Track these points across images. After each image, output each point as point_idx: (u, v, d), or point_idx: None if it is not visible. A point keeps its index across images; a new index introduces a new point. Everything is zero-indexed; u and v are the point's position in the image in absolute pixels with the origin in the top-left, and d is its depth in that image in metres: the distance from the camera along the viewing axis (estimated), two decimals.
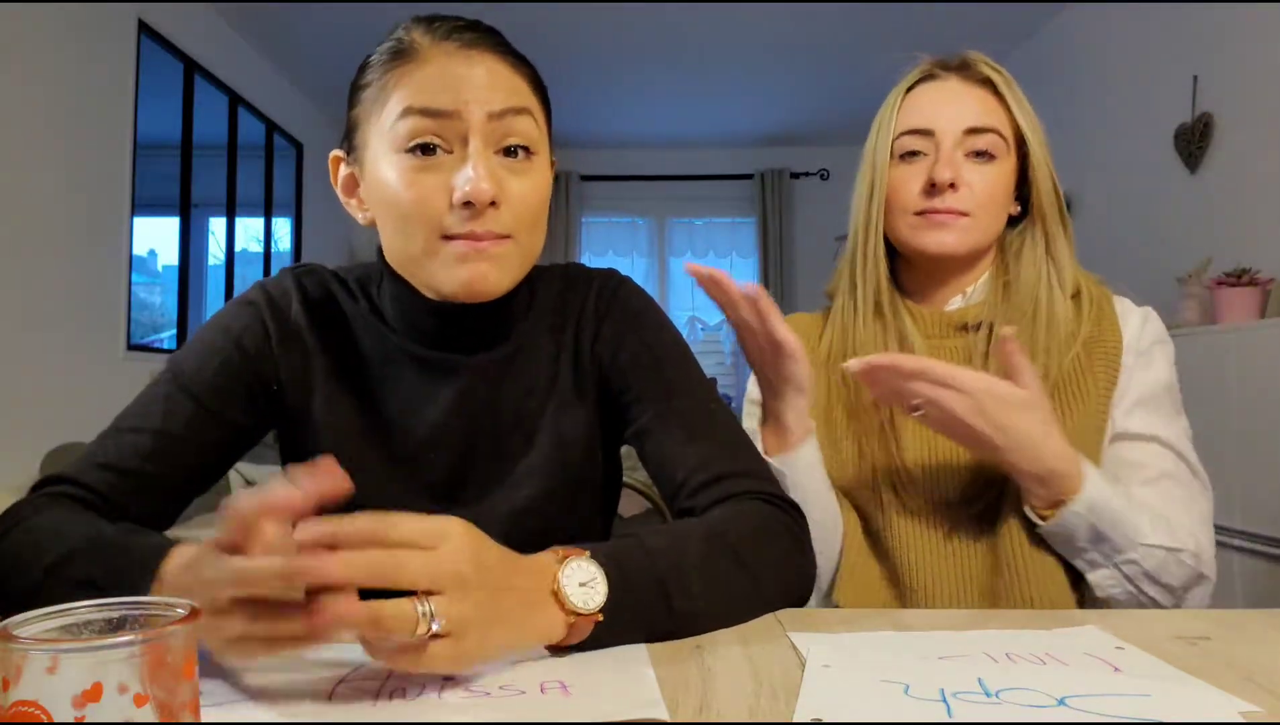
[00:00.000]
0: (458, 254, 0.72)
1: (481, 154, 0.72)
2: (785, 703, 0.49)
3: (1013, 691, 0.51)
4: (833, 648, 0.59)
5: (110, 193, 3.41)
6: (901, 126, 0.98)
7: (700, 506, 0.75)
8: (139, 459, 0.73)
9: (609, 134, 5.95)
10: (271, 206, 4.95)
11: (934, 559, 0.93)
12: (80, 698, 0.35)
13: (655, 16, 4.19)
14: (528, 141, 0.74)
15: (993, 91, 0.97)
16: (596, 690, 0.52)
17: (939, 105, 0.97)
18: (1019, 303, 0.97)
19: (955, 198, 0.94)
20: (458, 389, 0.81)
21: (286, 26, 4.29)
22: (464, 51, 0.73)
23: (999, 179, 0.96)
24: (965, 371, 0.83)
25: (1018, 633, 0.63)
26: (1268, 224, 2.80)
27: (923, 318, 1.02)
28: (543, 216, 0.78)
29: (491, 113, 0.72)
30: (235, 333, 0.79)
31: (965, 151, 0.95)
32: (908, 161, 0.98)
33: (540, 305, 0.85)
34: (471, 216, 0.71)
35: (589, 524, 0.88)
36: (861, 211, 1.02)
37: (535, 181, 0.75)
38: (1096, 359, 0.93)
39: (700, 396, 0.82)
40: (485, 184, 0.70)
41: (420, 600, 0.49)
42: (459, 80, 0.72)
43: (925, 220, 0.96)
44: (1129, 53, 3.56)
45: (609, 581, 0.58)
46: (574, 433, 0.83)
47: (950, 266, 1.01)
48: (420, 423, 0.80)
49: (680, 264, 6.56)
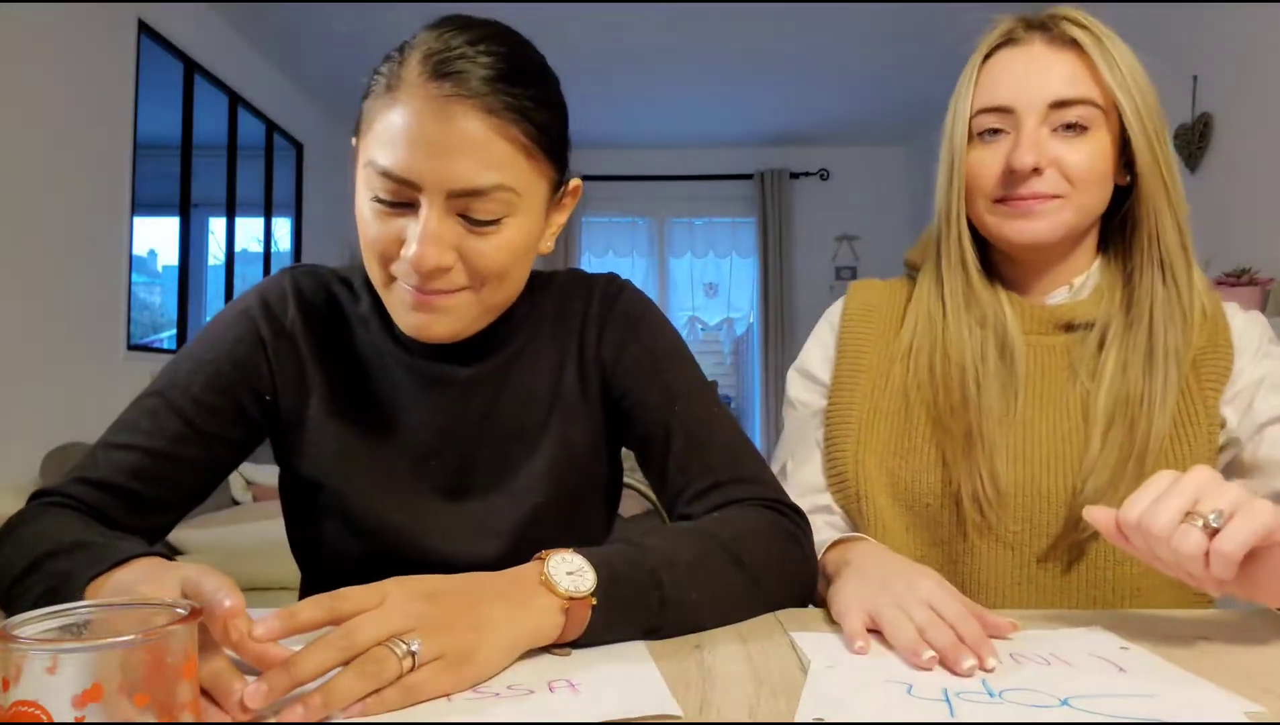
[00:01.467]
0: (406, 301, 0.70)
1: (434, 221, 0.67)
2: (785, 702, 0.49)
3: (1016, 692, 0.51)
4: (836, 648, 0.59)
5: (110, 193, 3.41)
6: (979, 104, 0.87)
7: (700, 512, 0.75)
8: (126, 476, 0.73)
9: (609, 134, 5.94)
10: (271, 206, 4.95)
11: (1016, 586, 0.85)
12: (80, 698, 0.35)
13: (655, 17, 4.18)
14: (493, 216, 0.68)
15: (1082, 53, 0.84)
16: (605, 688, 0.52)
17: (1019, 77, 0.85)
18: (1136, 309, 0.86)
19: (1041, 182, 0.83)
20: (455, 396, 0.80)
21: (286, 26, 4.28)
22: (443, 103, 0.66)
23: (1096, 152, 0.84)
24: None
25: (1022, 633, 0.63)
26: (1268, 224, 2.80)
27: (1022, 311, 0.90)
28: (514, 268, 0.72)
29: (451, 191, 0.66)
30: (228, 345, 0.79)
31: (1052, 127, 0.84)
32: (987, 142, 0.87)
33: (540, 313, 0.84)
34: (419, 276, 0.68)
35: (593, 528, 0.88)
36: (942, 197, 0.91)
37: (503, 240, 0.70)
38: (1206, 378, 0.86)
39: (701, 401, 0.82)
40: (431, 255, 0.66)
41: (394, 641, 0.49)
42: (424, 145, 0.66)
43: (1009, 207, 0.86)
44: None
45: (598, 573, 0.59)
46: (579, 439, 0.82)
47: (1048, 254, 0.89)
48: (418, 428, 0.80)
49: (680, 264, 6.61)
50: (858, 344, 0.96)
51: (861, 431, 0.91)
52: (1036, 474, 0.85)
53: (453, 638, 0.51)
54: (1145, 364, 0.85)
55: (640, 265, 6.41)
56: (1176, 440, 0.84)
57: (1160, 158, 0.84)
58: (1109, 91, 0.83)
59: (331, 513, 0.80)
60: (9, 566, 0.64)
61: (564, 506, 0.82)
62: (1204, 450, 0.84)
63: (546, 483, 0.81)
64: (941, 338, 0.90)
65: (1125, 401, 0.84)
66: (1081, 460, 0.84)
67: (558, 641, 0.58)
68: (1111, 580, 0.83)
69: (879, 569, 0.70)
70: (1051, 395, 0.88)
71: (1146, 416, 0.83)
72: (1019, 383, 0.88)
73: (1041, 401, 0.88)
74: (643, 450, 0.82)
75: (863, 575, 0.69)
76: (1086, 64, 0.84)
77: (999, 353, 0.88)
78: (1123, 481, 0.82)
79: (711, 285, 6.46)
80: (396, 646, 0.49)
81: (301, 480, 0.81)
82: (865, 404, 0.92)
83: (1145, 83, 0.85)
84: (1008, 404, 0.87)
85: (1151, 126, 0.84)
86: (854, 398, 0.93)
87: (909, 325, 0.94)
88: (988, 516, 0.85)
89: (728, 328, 6.41)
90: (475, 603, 0.54)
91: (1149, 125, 0.84)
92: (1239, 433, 0.86)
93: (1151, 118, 0.84)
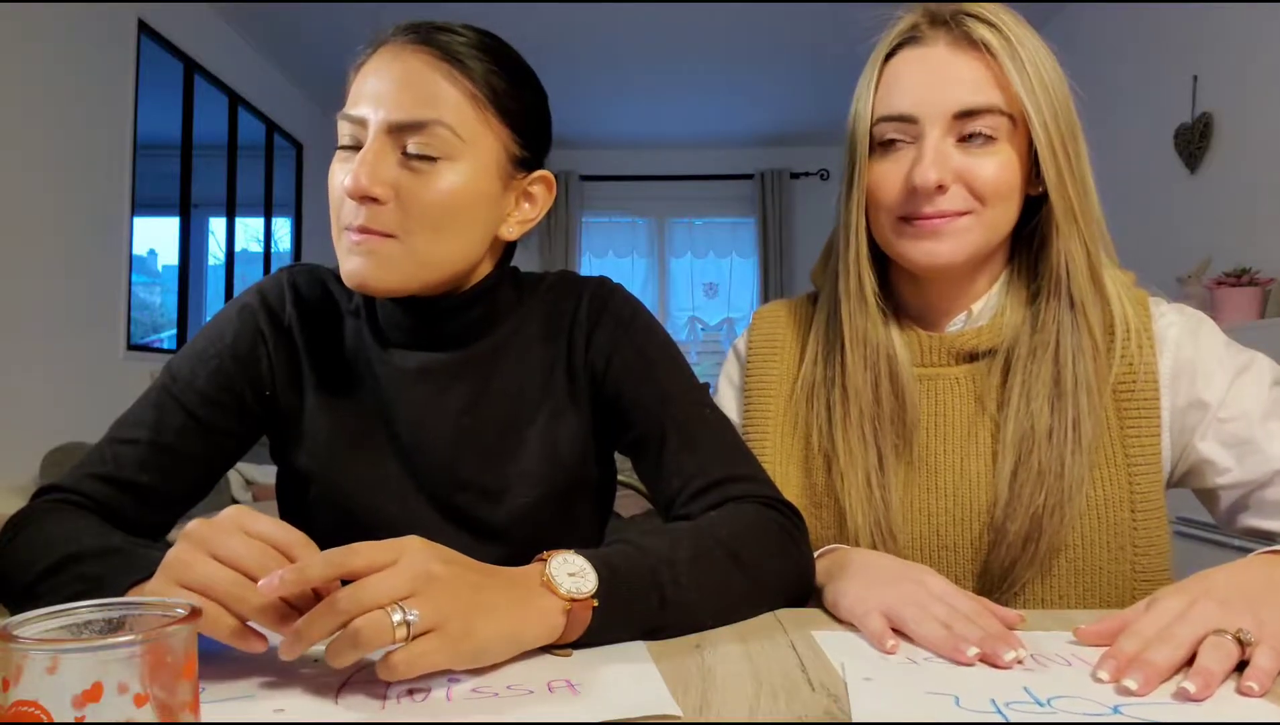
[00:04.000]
0: (346, 246, 0.74)
1: (368, 152, 0.71)
2: (785, 702, 0.49)
3: (1064, 699, 0.50)
4: (864, 653, 0.59)
5: (110, 193, 3.41)
6: (879, 111, 0.81)
7: (696, 513, 0.75)
8: (134, 469, 0.75)
9: (609, 134, 5.95)
10: (271, 206, 4.95)
11: None
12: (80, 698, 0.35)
13: (655, 16, 4.19)
14: (429, 152, 0.71)
15: (990, 56, 0.78)
16: (605, 689, 0.52)
17: (921, 83, 0.78)
18: (1041, 334, 0.80)
19: (947, 199, 0.78)
20: (437, 388, 0.80)
21: (286, 26, 4.29)
22: (400, 50, 0.73)
23: (1005, 164, 0.78)
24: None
25: (1027, 634, 0.63)
26: (1268, 224, 2.80)
27: (918, 343, 0.85)
28: (449, 220, 0.73)
29: (390, 123, 0.71)
30: (230, 340, 0.80)
31: (957, 137, 0.78)
32: (889, 153, 0.80)
33: (529, 312, 0.85)
34: (355, 210, 0.72)
35: (584, 529, 0.88)
36: (841, 211, 0.86)
37: (439, 183, 0.72)
38: (1127, 415, 0.79)
39: (694, 402, 0.82)
40: (362, 178, 0.70)
41: (393, 607, 0.50)
42: (378, 85, 0.72)
43: (914, 228, 0.79)
44: (1129, 53, 3.56)
45: (599, 575, 0.59)
46: (567, 440, 0.83)
47: (954, 275, 0.83)
48: (405, 422, 0.80)
49: (680, 264, 6.62)
50: (762, 387, 0.92)
51: (777, 478, 0.84)
52: (940, 527, 0.81)
53: (455, 609, 0.51)
54: (1053, 393, 0.78)
55: (640, 265, 6.41)
56: (1097, 483, 0.78)
57: (1069, 171, 0.78)
58: (1017, 99, 0.77)
59: (324, 505, 0.81)
60: (29, 563, 0.65)
61: (553, 508, 0.82)
62: (1125, 497, 0.78)
63: (535, 482, 0.81)
64: (839, 376, 0.85)
65: (1032, 436, 0.78)
66: (991, 511, 0.79)
67: (558, 642, 0.58)
68: None
69: (881, 569, 0.70)
70: (957, 433, 0.83)
71: (1057, 456, 0.77)
72: (912, 425, 0.82)
73: (946, 441, 0.83)
74: (637, 452, 0.82)
75: (866, 575, 0.69)
76: (994, 69, 0.77)
77: (891, 390, 0.83)
78: (1041, 539, 0.76)
79: (711, 285, 6.46)
80: (394, 613, 0.49)
81: (296, 474, 0.82)
82: (776, 452, 0.89)
83: (1057, 86, 0.78)
84: (902, 448, 0.83)
85: (1060, 137, 0.77)
86: (765, 445, 0.90)
87: (809, 359, 0.89)
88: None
89: (728, 328, 6.41)
90: (482, 587, 0.55)
91: (1057, 136, 0.77)
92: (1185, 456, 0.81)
93: (1061, 126, 0.78)
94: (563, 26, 4.22)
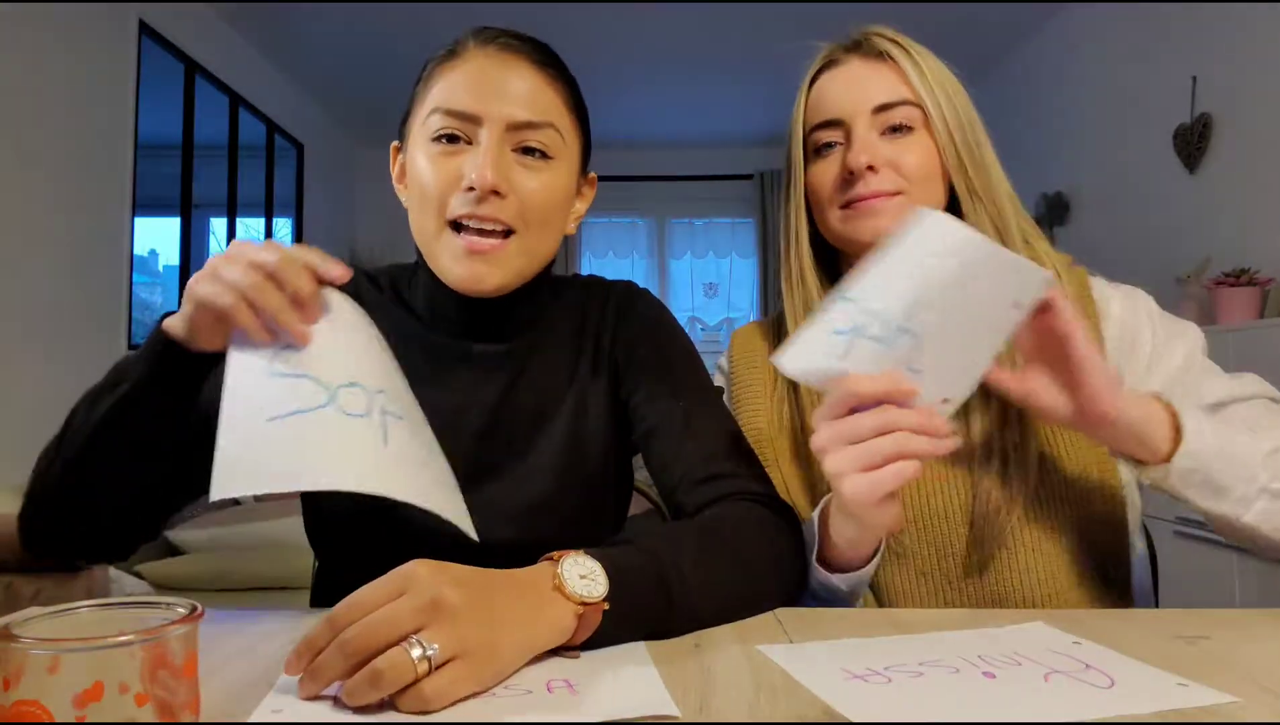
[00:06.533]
0: (459, 250, 0.76)
1: (493, 147, 0.75)
2: (785, 702, 0.49)
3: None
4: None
5: (111, 193, 3.41)
6: (810, 121, 0.93)
7: (694, 503, 0.77)
8: None
9: (608, 134, 5.94)
10: (272, 207, 4.95)
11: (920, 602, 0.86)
12: (81, 697, 0.35)
13: (656, 17, 4.19)
14: (545, 148, 0.78)
15: (895, 64, 0.91)
16: (604, 689, 0.52)
17: (842, 91, 0.91)
18: None
19: (879, 180, 0.87)
20: (472, 376, 0.84)
21: (287, 26, 4.28)
22: (501, 56, 0.78)
23: (925, 148, 0.89)
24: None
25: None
26: (1267, 224, 2.80)
27: None
28: (554, 217, 0.80)
29: (511, 123, 0.76)
30: None
31: (880, 130, 0.89)
32: (823, 156, 0.92)
33: (562, 310, 0.89)
34: (475, 201, 0.75)
35: (599, 527, 0.89)
36: (783, 220, 0.97)
37: (548, 181, 0.78)
38: None
39: (704, 401, 0.85)
40: (489, 172, 0.74)
41: (409, 642, 0.48)
42: (488, 84, 0.76)
43: (854, 210, 0.89)
44: (1129, 53, 3.56)
45: (609, 577, 0.59)
46: (590, 435, 0.85)
47: None
48: (435, 407, 0.80)
49: (680, 264, 6.63)
50: (749, 396, 0.97)
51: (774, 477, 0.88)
52: (929, 495, 0.86)
53: (475, 633, 0.50)
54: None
55: (640, 266, 6.41)
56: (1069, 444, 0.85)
57: (967, 154, 0.88)
58: (919, 96, 0.89)
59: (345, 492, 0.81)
60: (76, 423, 0.79)
61: (572, 498, 0.84)
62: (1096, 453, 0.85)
63: (557, 473, 0.83)
64: None
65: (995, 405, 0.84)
66: (971, 474, 0.85)
67: (568, 644, 0.58)
68: (1021, 589, 0.83)
69: None
70: None
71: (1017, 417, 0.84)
72: None
73: None
74: (646, 443, 0.84)
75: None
76: (899, 72, 0.91)
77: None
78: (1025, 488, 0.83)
79: (711, 285, 6.46)
80: (413, 648, 0.48)
81: None
82: (769, 451, 0.92)
83: (952, 84, 0.91)
84: None
85: (958, 125, 0.89)
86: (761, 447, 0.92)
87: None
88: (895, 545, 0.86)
89: (728, 328, 6.41)
90: (495, 603, 0.54)
91: (955, 123, 0.89)
92: None
93: (960, 116, 0.89)
94: (563, 27, 4.22)
